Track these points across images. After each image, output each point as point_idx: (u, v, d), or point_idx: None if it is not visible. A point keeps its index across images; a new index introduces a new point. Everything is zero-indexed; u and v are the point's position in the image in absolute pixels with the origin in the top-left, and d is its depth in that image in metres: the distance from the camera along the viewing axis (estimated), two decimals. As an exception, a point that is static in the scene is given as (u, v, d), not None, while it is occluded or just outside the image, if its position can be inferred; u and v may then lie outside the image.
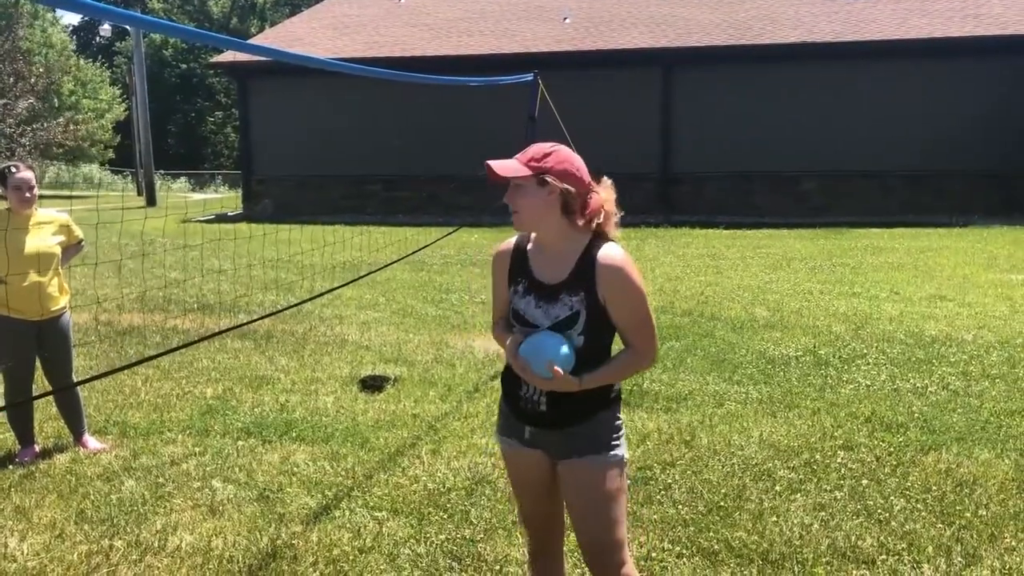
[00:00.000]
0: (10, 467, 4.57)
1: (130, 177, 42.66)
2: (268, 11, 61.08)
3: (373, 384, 6.11)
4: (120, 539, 3.72)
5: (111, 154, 44.92)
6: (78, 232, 5.00)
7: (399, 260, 7.88)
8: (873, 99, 17.79)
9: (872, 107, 17.79)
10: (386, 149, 19.82)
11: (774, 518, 3.86)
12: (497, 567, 3.46)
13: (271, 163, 21.17)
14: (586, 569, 2.76)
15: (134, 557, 3.55)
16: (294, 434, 5.09)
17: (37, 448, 4.86)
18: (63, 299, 4.84)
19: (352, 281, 6.65)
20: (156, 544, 3.67)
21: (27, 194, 4.64)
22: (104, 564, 3.48)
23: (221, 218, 20.30)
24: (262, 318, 6.31)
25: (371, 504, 4.08)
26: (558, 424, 2.50)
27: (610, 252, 2.44)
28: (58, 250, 4.78)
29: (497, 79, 7.56)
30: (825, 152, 18.21)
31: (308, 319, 8.44)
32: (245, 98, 21.74)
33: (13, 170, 4.65)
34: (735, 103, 18.33)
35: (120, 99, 45.07)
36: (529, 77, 6.93)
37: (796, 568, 3.41)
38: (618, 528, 2.55)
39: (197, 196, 35.87)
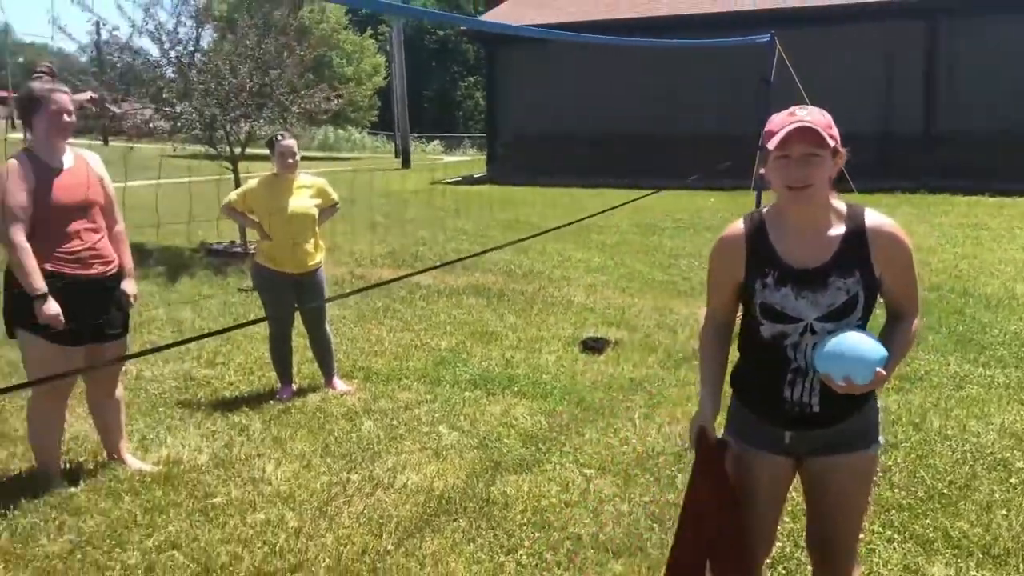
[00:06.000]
0: (271, 402, 5.20)
1: (384, 140, 45.62)
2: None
3: (594, 346, 6.27)
4: (356, 473, 4.15)
5: (373, 117, 48.07)
6: (334, 195, 5.51)
7: (584, 218, 7.91)
8: None
9: None
10: (626, 110, 19.79)
11: (1004, 511, 3.60)
12: (697, 532, 3.51)
13: (515, 127, 21.83)
14: None
15: (367, 490, 3.96)
16: (516, 388, 5.37)
17: (294, 387, 5.47)
18: (319, 255, 5.38)
19: (550, 230, 6.83)
20: (386, 480, 4.06)
21: (290, 160, 5.19)
22: (341, 494, 3.91)
23: (467, 180, 21.29)
24: (428, 270, 6.63)
25: (581, 461, 4.26)
26: (832, 422, 2.28)
27: (879, 218, 2.22)
28: (316, 211, 5.31)
29: (729, 40, 7.38)
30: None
31: (538, 279, 8.75)
32: (492, 64, 22.51)
33: (279, 138, 5.23)
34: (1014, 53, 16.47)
35: (384, 66, 47.98)
36: (766, 38, 6.70)
37: (1022, 566, 3.18)
38: (864, 517, 2.45)
39: (448, 158, 37.77)
